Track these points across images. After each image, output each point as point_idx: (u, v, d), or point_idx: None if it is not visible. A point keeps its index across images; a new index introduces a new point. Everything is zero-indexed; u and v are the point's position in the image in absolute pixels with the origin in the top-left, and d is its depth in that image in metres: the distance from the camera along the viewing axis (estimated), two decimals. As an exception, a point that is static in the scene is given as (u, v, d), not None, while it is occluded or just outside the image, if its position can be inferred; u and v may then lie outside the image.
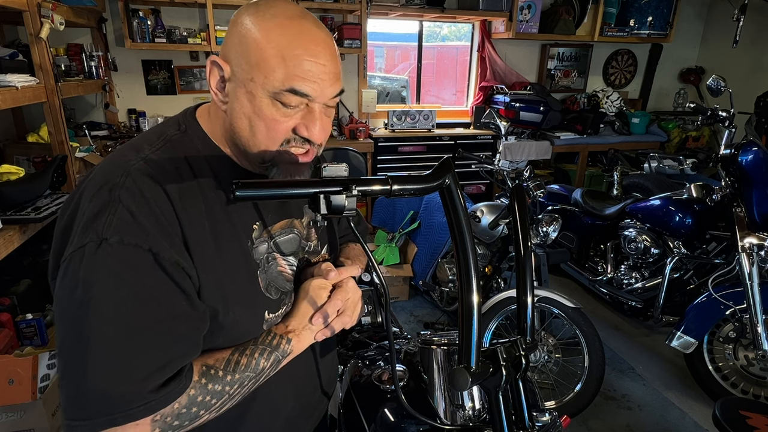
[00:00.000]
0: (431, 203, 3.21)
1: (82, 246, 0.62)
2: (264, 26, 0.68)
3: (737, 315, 2.23)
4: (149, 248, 0.63)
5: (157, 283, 0.64)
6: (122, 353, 0.61)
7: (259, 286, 0.78)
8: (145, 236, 0.63)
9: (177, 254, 0.66)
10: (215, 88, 0.73)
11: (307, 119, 0.72)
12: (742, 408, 1.48)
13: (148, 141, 0.73)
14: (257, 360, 0.75)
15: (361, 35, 3.77)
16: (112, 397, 0.60)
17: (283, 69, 0.68)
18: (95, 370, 0.60)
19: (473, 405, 0.89)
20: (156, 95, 3.77)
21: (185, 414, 0.67)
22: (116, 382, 0.60)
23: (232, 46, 0.71)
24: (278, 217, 0.83)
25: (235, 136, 0.74)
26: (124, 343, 0.61)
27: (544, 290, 2.21)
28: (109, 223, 0.62)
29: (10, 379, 1.83)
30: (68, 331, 0.62)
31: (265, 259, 0.80)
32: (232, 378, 0.72)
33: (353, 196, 0.63)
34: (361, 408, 0.95)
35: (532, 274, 0.95)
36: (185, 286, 0.66)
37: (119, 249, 0.61)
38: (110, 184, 0.65)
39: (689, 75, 5.03)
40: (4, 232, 1.82)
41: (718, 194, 2.41)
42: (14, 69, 2.07)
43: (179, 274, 0.65)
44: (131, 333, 0.62)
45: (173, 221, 0.67)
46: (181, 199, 0.68)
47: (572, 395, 2.18)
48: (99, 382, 0.60)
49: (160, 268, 0.64)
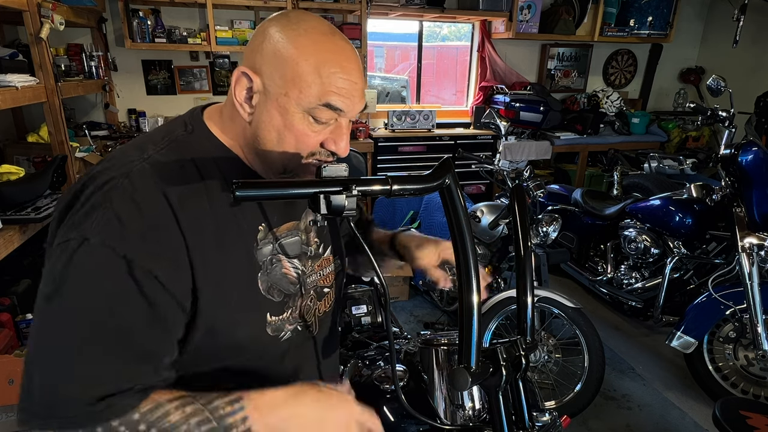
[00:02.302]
0: (431, 203, 3.21)
1: (67, 241, 0.63)
2: (299, 42, 0.69)
3: (737, 315, 2.23)
4: (124, 254, 0.62)
5: (121, 291, 0.62)
6: (68, 355, 0.61)
7: (259, 289, 0.77)
8: (123, 242, 0.62)
9: (163, 262, 0.65)
10: (242, 100, 0.72)
11: (336, 134, 0.74)
12: (742, 408, 1.48)
13: (153, 141, 0.73)
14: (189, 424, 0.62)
15: (361, 35, 3.77)
16: (54, 399, 0.60)
17: (318, 85, 0.69)
18: (41, 367, 0.61)
19: (473, 405, 0.89)
20: (156, 95, 3.77)
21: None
22: (56, 384, 0.60)
23: (264, 59, 0.70)
24: (284, 219, 0.83)
25: (258, 145, 0.74)
26: (72, 344, 0.61)
27: (544, 290, 2.21)
28: (96, 223, 0.62)
29: (10, 379, 1.83)
30: (35, 320, 0.63)
31: (268, 261, 0.79)
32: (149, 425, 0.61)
33: (353, 196, 0.63)
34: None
35: (532, 274, 0.95)
36: (154, 298, 0.64)
37: (96, 250, 0.62)
38: (109, 184, 0.65)
39: (689, 75, 5.03)
40: (4, 232, 1.82)
41: (718, 194, 2.41)
42: (14, 69, 2.07)
43: (151, 284, 0.64)
44: (83, 337, 0.62)
45: (169, 226, 0.66)
46: (181, 201, 0.68)
47: (572, 395, 2.18)
48: (40, 379, 0.61)
49: (129, 276, 0.62)
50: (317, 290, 0.90)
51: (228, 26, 3.60)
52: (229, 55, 3.72)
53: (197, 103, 0.85)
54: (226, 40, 3.50)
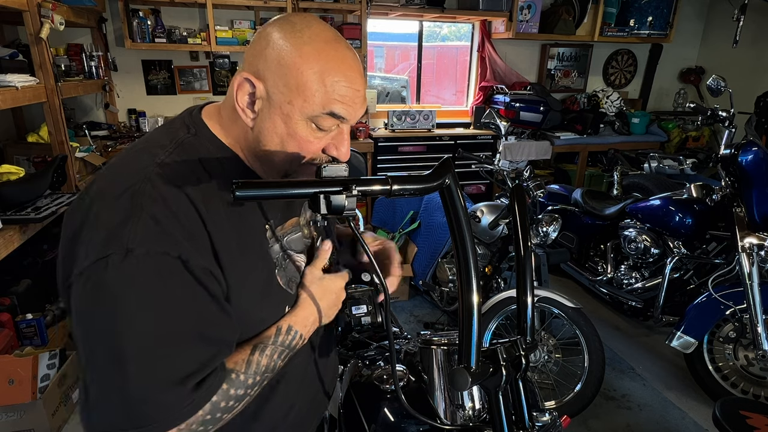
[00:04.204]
0: (431, 203, 3.21)
1: (105, 257, 0.60)
2: (304, 50, 0.69)
3: (737, 315, 2.23)
4: (178, 255, 0.62)
5: (188, 291, 0.64)
6: (159, 361, 0.61)
7: (279, 284, 0.80)
8: (172, 244, 0.62)
9: (205, 260, 0.66)
10: (244, 106, 0.72)
11: (337, 140, 0.76)
12: (742, 408, 1.48)
13: (160, 145, 0.72)
14: (275, 361, 0.76)
15: (361, 35, 3.77)
16: (155, 403, 0.61)
17: (323, 94, 0.69)
18: (136, 380, 0.60)
19: (473, 405, 0.89)
20: (156, 95, 3.77)
21: (209, 420, 0.67)
22: (157, 389, 0.61)
23: (267, 65, 0.70)
24: (286, 217, 0.84)
25: (260, 149, 0.74)
26: (160, 351, 0.61)
27: (544, 290, 2.21)
28: (135, 233, 0.61)
29: (10, 379, 1.83)
30: (98, 345, 0.61)
31: (281, 257, 0.81)
32: (254, 381, 0.73)
33: (353, 196, 0.63)
34: (361, 408, 0.95)
35: (532, 274, 0.95)
36: (215, 292, 0.67)
37: (147, 259, 0.60)
38: (130, 191, 0.64)
39: (689, 75, 5.03)
40: (4, 232, 1.82)
41: (718, 194, 2.41)
42: (14, 69, 2.08)
43: (209, 279, 0.66)
44: (165, 341, 0.62)
45: (199, 226, 0.66)
46: (204, 203, 0.68)
47: (572, 395, 2.18)
48: (140, 391, 0.60)
49: (190, 275, 0.63)
50: None
51: (228, 26, 3.61)
52: (229, 55, 3.73)
53: (197, 103, 0.84)
54: (226, 40, 3.50)
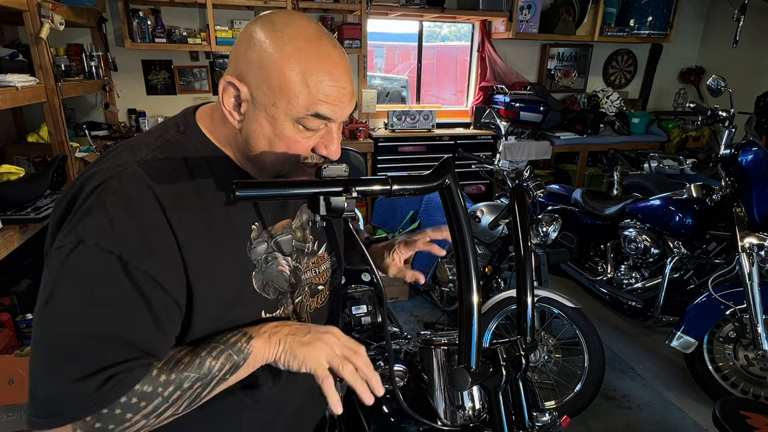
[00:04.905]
0: (431, 203, 3.21)
1: (62, 246, 0.63)
2: (285, 51, 0.68)
3: (737, 315, 2.23)
4: (119, 255, 0.63)
5: (119, 292, 0.63)
6: (70, 354, 0.62)
7: (254, 287, 0.78)
8: (119, 243, 0.63)
9: (156, 263, 0.65)
10: (230, 108, 0.72)
11: (326, 138, 0.75)
12: (742, 408, 1.48)
13: (145, 142, 0.73)
14: (203, 358, 0.68)
15: (361, 35, 3.77)
16: (59, 396, 0.61)
17: (306, 95, 0.69)
18: (44, 370, 0.62)
19: (473, 405, 0.89)
20: (156, 95, 3.77)
21: (107, 415, 0.63)
22: (56, 382, 0.61)
23: (249, 67, 0.69)
24: (277, 218, 0.83)
25: (250, 151, 0.74)
26: (75, 344, 0.62)
27: (544, 290, 2.21)
28: (90, 226, 0.63)
29: (10, 379, 1.83)
30: (35, 325, 0.63)
31: (263, 259, 0.79)
32: (167, 378, 0.66)
33: (353, 198, 0.63)
34: (361, 408, 0.95)
35: (532, 274, 0.95)
36: (152, 299, 0.65)
37: (92, 252, 0.62)
38: (101, 186, 0.66)
39: (689, 75, 5.03)
40: (4, 232, 1.82)
41: (718, 194, 2.41)
42: (14, 69, 2.07)
43: (149, 285, 0.65)
44: (79, 337, 0.62)
45: (160, 226, 0.66)
46: (172, 201, 0.68)
47: (572, 395, 2.18)
48: (45, 380, 0.61)
49: (126, 277, 0.63)
50: (311, 287, 0.90)
51: (228, 26, 3.60)
52: (229, 55, 3.72)
53: (197, 103, 0.84)
54: (226, 40, 3.50)
